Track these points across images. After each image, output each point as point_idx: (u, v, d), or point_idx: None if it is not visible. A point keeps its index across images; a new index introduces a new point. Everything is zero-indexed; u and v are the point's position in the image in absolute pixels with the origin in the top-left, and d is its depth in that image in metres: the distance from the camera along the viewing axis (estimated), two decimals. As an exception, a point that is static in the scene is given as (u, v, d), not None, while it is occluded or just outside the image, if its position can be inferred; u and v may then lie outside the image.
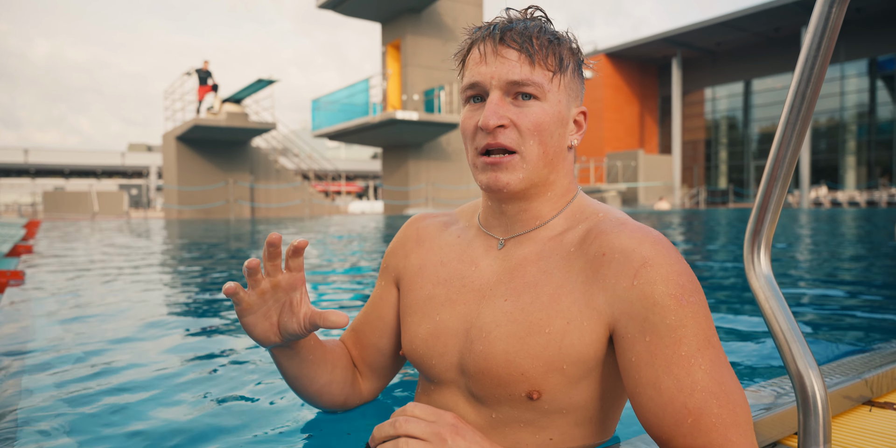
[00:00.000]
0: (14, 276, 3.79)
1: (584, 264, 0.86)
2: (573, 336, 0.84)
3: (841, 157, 28.85)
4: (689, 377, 0.77)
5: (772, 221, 0.90)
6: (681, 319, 0.78)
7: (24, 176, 43.35)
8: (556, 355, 0.85)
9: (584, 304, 0.85)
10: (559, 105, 0.90)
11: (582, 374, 0.86)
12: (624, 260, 0.82)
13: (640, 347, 0.80)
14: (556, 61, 0.89)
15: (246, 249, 7.05)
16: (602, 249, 0.85)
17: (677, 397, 0.77)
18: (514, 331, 0.87)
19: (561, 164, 0.93)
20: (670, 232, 9.91)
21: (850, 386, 1.20)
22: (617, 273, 0.82)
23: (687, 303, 0.79)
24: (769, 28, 26.77)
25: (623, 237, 0.84)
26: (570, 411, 0.89)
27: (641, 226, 0.86)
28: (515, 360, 0.86)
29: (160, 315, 2.87)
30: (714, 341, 0.80)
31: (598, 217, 0.92)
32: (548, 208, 0.94)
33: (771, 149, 0.88)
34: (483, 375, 0.89)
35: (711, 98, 33.44)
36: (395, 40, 21.17)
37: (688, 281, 0.81)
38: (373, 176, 48.51)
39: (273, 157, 21.73)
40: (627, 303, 0.81)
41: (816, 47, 0.80)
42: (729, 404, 0.77)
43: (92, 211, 19.82)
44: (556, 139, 0.90)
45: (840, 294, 3.53)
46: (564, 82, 0.90)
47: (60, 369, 1.85)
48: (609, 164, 28.05)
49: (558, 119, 0.90)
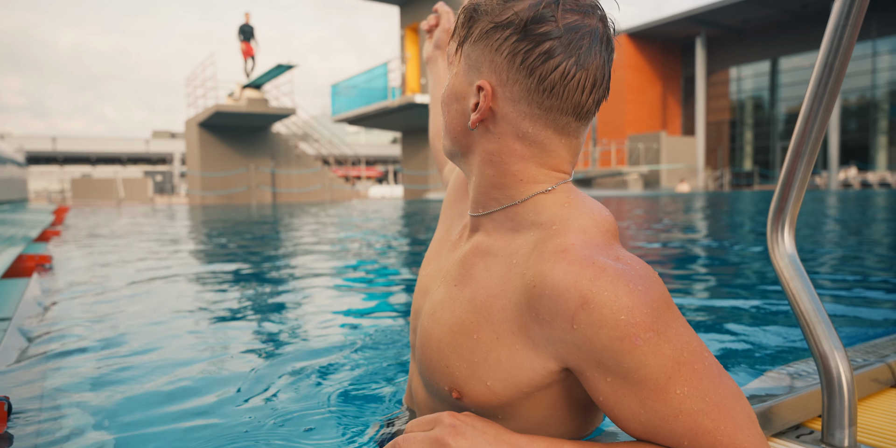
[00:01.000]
0: (42, 261, 3.87)
1: (521, 287, 0.74)
2: (501, 353, 0.75)
3: (872, 136, 28.12)
4: (667, 406, 0.69)
5: (796, 199, 0.88)
6: (639, 360, 0.68)
7: (53, 163, 44.11)
8: (482, 364, 0.77)
9: (516, 327, 0.75)
10: (455, 77, 0.83)
11: (513, 394, 0.76)
12: (557, 299, 0.69)
13: (603, 387, 0.71)
14: (462, 31, 0.82)
15: (268, 233, 7.11)
16: (535, 280, 0.72)
17: (662, 426, 0.70)
18: (452, 321, 0.81)
19: (470, 145, 0.83)
20: (693, 215, 9.79)
21: (876, 369, 1.17)
22: (551, 312, 0.70)
23: (642, 341, 0.67)
24: (797, 4, 26.04)
25: (557, 271, 0.70)
26: (506, 420, 0.80)
27: (584, 255, 0.71)
28: (445, 349, 0.81)
29: (185, 300, 2.91)
30: (685, 357, 0.69)
31: (551, 230, 0.77)
32: (489, 199, 0.83)
33: (797, 124, 0.85)
34: (422, 352, 0.86)
35: (737, 77, 32.73)
36: (414, 23, 21.02)
37: (640, 314, 0.67)
38: (392, 160, 48.51)
39: (293, 142, 21.82)
40: (572, 345, 0.70)
41: (846, 15, 0.77)
42: (722, 414, 0.69)
43: (118, 197, 20.14)
44: (451, 114, 0.84)
45: (867, 277, 3.46)
46: (464, 52, 0.81)
47: (86, 351, 1.89)
48: (631, 147, 27.70)
49: (452, 92, 0.83)
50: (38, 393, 1.46)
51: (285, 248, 5.54)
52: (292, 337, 2.12)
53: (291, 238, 6.55)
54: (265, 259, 4.62)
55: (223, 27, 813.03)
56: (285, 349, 1.94)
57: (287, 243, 5.96)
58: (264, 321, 2.37)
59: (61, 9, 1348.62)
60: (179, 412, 1.34)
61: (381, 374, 1.61)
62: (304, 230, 7.61)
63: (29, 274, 3.44)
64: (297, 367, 1.68)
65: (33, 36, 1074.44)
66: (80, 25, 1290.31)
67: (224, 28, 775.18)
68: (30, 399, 1.41)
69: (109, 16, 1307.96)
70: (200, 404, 1.39)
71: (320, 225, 8.57)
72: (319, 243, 5.82)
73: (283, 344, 2.02)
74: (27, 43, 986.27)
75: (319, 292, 3.09)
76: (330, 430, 1.22)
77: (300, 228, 7.97)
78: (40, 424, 1.25)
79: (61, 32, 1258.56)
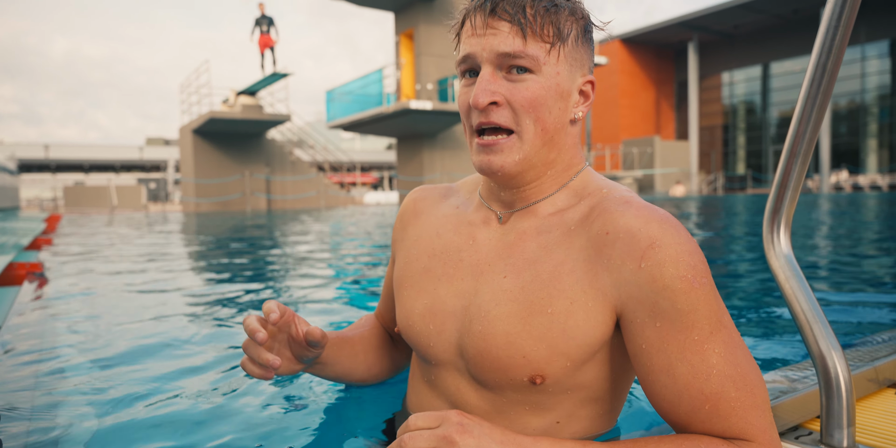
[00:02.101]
0: (33, 268, 3.84)
1: (587, 242, 0.81)
2: (577, 317, 0.80)
3: (862, 140, 28.30)
4: (703, 362, 0.73)
5: (792, 200, 0.88)
6: (692, 303, 0.74)
7: (45, 171, 43.93)
8: (560, 337, 0.80)
9: (587, 283, 0.80)
10: (558, 77, 0.83)
11: (586, 356, 0.82)
12: (630, 240, 0.77)
13: (650, 333, 0.76)
14: (553, 30, 0.81)
15: (262, 240, 7.09)
16: (605, 228, 0.79)
17: (693, 383, 0.74)
18: (515, 310, 0.82)
19: (563, 140, 0.88)
20: (688, 219, 9.82)
21: (873, 368, 1.17)
22: (622, 254, 0.77)
23: (698, 285, 0.74)
24: (788, 10, 26.26)
25: (628, 216, 0.78)
26: (575, 391, 0.85)
27: (647, 204, 0.81)
28: (517, 341, 0.82)
29: (177, 308, 2.89)
30: (726, 321, 0.76)
31: (602, 193, 0.87)
32: (549, 184, 0.89)
33: (791, 125, 0.85)
34: (482, 358, 0.85)
35: (729, 82, 32.92)
36: (408, 29, 21.07)
37: (698, 261, 0.76)
38: (388, 166, 48.53)
39: (288, 148, 21.80)
40: (635, 286, 0.76)
41: (837, 17, 0.77)
42: (746, 387, 0.74)
43: (111, 205, 20.06)
44: (556, 114, 0.84)
45: (862, 278, 3.47)
46: (565, 52, 0.83)
47: (77, 361, 1.87)
48: (625, 151, 27.80)
49: (557, 93, 0.83)
50: (28, 403, 1.44)
51: (278, 255, 5.53)
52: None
53: (285, 245, 6.53)
54: (258, 267, 4.61)
55: (217, 34, 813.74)
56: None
57: (280, 251, 5.94)
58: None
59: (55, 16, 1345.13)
60: (174, 423, 1.33)
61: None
62: (298, 237, 7.59)
63: (19, 282, 3.42)
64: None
65: (26, 43, 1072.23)
66: (74, 33, 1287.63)
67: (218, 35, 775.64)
68: (20, 409, 1.39)
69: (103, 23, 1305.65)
70: (196, 414, 1.38)
71: (315, 232, 8.55)
72: (313, 251, 5.80)
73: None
74: (20, 50, 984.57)
75: (313, 297, 3.08)
76: (331, 433, 1.21)
77: (294, 235, 7.95)
78: (29, 436, 1.23)
79: (54, 40, 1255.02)
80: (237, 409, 1.38)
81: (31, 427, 1.27)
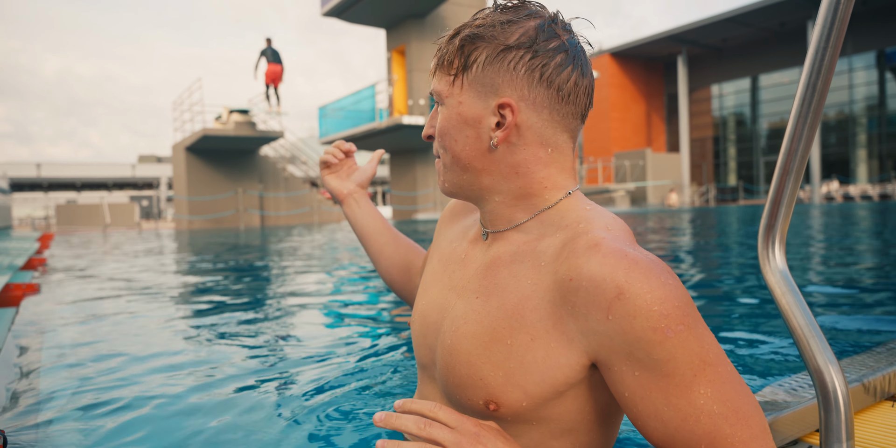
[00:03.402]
0: (29, 289, 3.82)
1: (553, 284, 0.78)
2: (536, 354, 0.78)
3: (852, 150, 28.56)
4: (690, 405, 0.71)
5: (786, 215, 0.89)
6: (669, 352, 0.70)
7: (37, 190, 43.75)
8: (518, 369, 0.78)
9: (550, 325, 0.77)
10: (459, 106, 0.85)
11: (548, 395, 0.79)
12: (594, 290, 0.72)
13: (630, 381, 0.73)
14: (459, 62, 0.84)
15: (255, 259, 7.07)
16: (570, 274, 0.75)
17: (683, 426, 0.72)
18: (479, 333, 0.83)
19: (489, 166, 0.86)
20: (680, 231, 9.86)
21: (870, 381, 1.18)
22: (587, 303, 0.73)
23: (673, 333, 0.70)
24: (775, 23, 26.58)
25: (593, 263, 0.73)
26: (541, 423, 0.82)
27: (617, 248, 0.75)
28: (476, 362, 0.82)
29: (175, 327, 2.88)
30: (711, 358, 0.72)
31: (578, 229, 0.81)
32: (510, 211, 0.89)
33: (783, 142, 0.87)
34: (448, 371, 0.86)
35: (718, 95, 33.22)
36: (400, 46, 21.23)
37: (672, 307, 0.70)
38: (380, 182, 48.57)
39: (281, 165, 21.81)
40: (605, 336, 0.73)
41: (826, 38, 0.79)
42: (740, 420, 0.71)
43: (104, 223, 19.96)
44: (464, 142, 0.86)
45: (856, 289, 3.49)
46: (468, 80, 0.84)
47: (79, 381, 1.86)
48: (617, 164, 27.93)
49: (460, 121, 0.85)
50: (31, 424, 1.43)
51: (273, 271, 5.51)
52: (288, 361, 2.10)
53: (279, 261, 6.52)
54: (254, 283, 4.59)
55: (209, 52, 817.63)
56: (282, 372, 1.93)
57: (275, 267, 5.93)
58: (256, 347, 2.35)
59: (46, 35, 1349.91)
60: (176, 442, 1.32)
61: (383, 390, 1.60)
62: (291, 253, 7.58)
63: (17, 303, 3.40)
64: (295, 386, 1.67)
65: (17, 62, 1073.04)
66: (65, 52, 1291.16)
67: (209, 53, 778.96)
68: (24, 430, 1.38)
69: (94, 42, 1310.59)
70: (197, 429, 1.37)
71: (310, 248, 8.54)
72: (308, 266, 5.79)
73: (279, 368, 2.00)
74: (11, 70, 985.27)
75: (309, 313, 3.07)
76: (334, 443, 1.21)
77: (287, 251, 7.93)
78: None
79: (46, 59, 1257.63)
80: (242, 427, 1.38)
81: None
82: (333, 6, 20.21)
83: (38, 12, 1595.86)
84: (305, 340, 2.47)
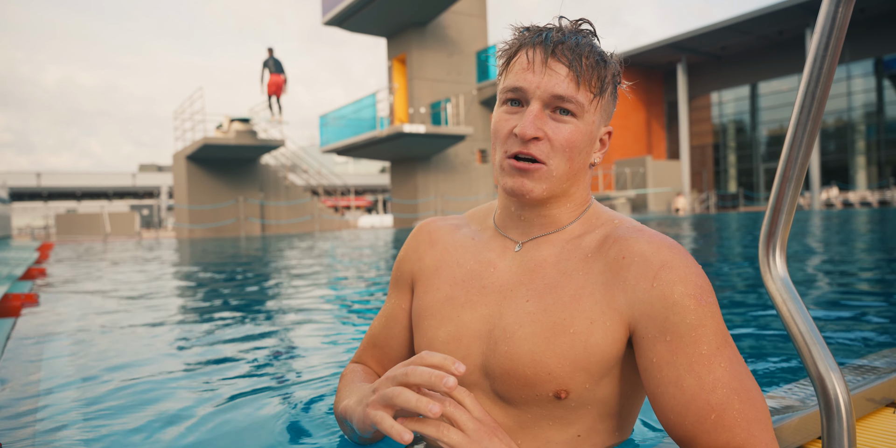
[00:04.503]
0: (28, 300, 3.82)
1: (604, 267, 0.89)
2: (597, 335, 0.87)
3: (851, 157, 28.60)
4: (710, 374, 0.79)
5: (786, 223, 0.89)
6: (700, 319, 0.81)
7: (37, 199, 43.79)
8: (582, 354, 0.87)
9: (605, 304, 0.87)
10: (592, 125, 0.92)
11: (605, 371, 0.88)
12: (643, 263, 0.86)
13: (660, 347, 0.82)
14: (598, 83, 0.91)
15: (254, 268, 7.07)
16: (622, 253, 0.88)
17: (700, 394, 0.79)
18: (539, 331, 0.89)
19: (582, 178, 0.97)
20: (682, 238, 9.85)
21: (872, 388, 1.18)
22: (637, 275, 0.85)
23: (705, 303, 0.82)
24: (773, 31, 26.70)
25: (642, 242, 0.88)
26: (595, 406, 0.91)
27: (657, 232, 0.90)
28: (542, 359, 0.88)
29: (175, 336, 2.87)
30: (730, 341, 0.84)
31: (615, 223, 0.96)
32: (565, 215, 0.97)
33: (783, 150, 0.87)
34: (509, 376, 0.91)
35: (718, 102, 33.32)
36: (401, 54, 21.32)
37: (704, 282, 0.84)
38: (381, 190, 48.63)
39: (282, 173, 21.84)
40: (647, 304, 0.84)
41: (824, 45, 0.79)
42: (750, 400, 0.79)
43: (104, 232, 19.96)
44: (583, 157, 0.94)
45: (857, 295, 3.48)
46: (601, 104, 0.93)
47: (78, 392, 1.86)
48: (617, 171, 27.97)
49: (589, 138, 0.93)
50: (29, 435, 1.43)
51: (274, 280, 5.51)
52: (288, 369, 2.10)
53: (280, 270, 6.51)
54: (254, 292, 4.59)
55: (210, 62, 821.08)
56: (282, 380, 1.92)
57: (276, 276, 5.93)
58: (256, 355, 2.35)
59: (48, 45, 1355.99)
60: None
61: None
62: (292, 261, 7.57)
63: (16, 313, 3.39)
64: (295, 396, 1.66)
65: (19, 72, 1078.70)
66: (67, 61, 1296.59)
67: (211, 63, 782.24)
68: (22, 441, 1.38)
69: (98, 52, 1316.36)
70: (198, 440, 1.37)
71: (310, 257, 8.53)
72: (308, 274, 5.79)
73: (279, 377, 2.00)
74: (13, 79, 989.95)
75: (310, 322, 3.06)
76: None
77: (288, 260, 7.93)
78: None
79: (48, 69, 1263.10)
80: (242, 436, 1.37)
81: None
82: (335, 16, 20.33)
83: (42, 22, 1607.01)
84: (306, 349, 2.46)
